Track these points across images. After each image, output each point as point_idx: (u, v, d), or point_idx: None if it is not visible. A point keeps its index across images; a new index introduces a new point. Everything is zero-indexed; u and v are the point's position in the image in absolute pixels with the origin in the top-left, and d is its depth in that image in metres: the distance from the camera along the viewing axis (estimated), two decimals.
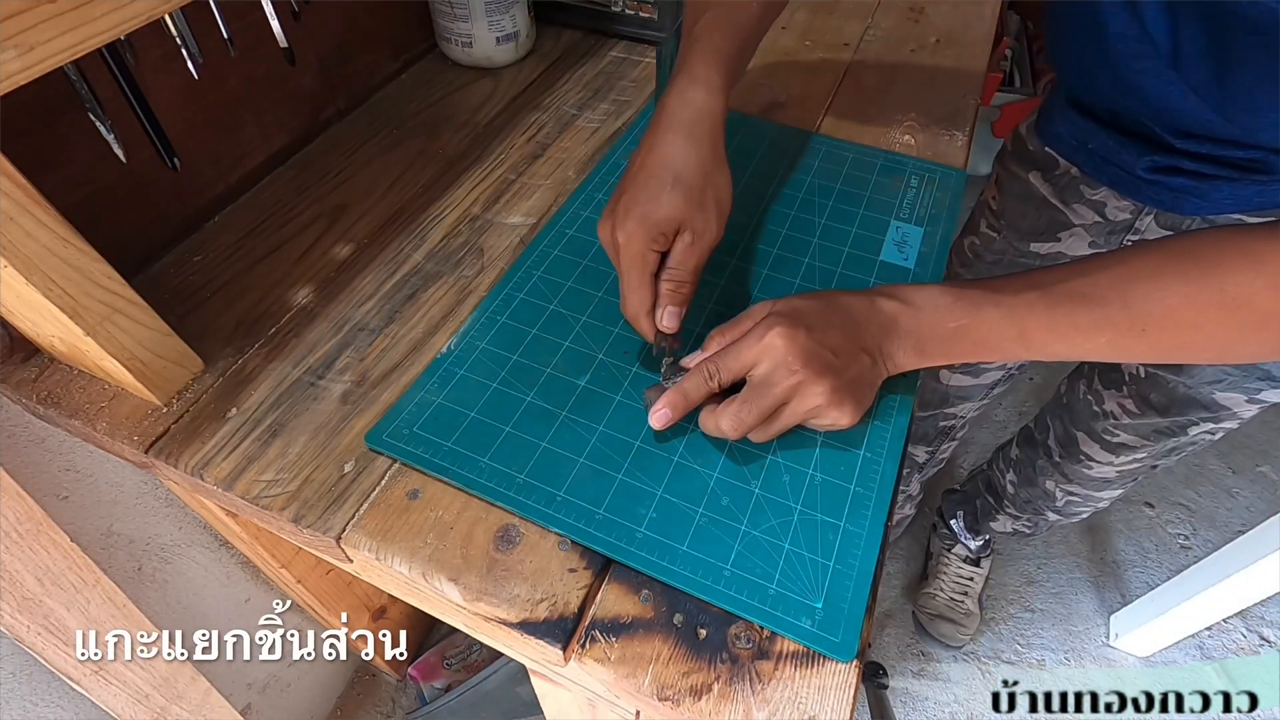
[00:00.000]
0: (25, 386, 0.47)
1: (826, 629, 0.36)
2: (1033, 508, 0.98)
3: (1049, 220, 0.69)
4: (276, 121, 0.61)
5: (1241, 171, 0.52)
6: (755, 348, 0.39)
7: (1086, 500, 0.90)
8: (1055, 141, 0.65)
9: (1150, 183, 0.57)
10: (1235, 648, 1.19)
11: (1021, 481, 0.98)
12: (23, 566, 0.52)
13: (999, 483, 1.04)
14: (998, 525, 1.08)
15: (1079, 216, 0.66)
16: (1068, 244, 0.69)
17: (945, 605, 1.19)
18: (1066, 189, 0.65)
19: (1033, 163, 0.68)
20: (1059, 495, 0.92)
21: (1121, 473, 0.82)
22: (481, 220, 0.58)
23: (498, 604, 0.37)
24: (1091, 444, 0.81)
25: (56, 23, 0.33)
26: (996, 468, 1.05)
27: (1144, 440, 0.75)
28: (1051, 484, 0.92)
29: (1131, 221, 0.62)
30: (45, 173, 0.44)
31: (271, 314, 0.51)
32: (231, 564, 0.78)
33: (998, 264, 0.75)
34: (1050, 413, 0.89)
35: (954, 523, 1.20)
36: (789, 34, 0.80)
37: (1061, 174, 0.65)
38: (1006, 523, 1.06)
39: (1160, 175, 0.56)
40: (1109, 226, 0.64)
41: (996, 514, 1.07)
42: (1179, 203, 0.57)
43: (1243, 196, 0.53)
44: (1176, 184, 0.56)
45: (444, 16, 0.70)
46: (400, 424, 0.44)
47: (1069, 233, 0.68)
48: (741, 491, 0.41)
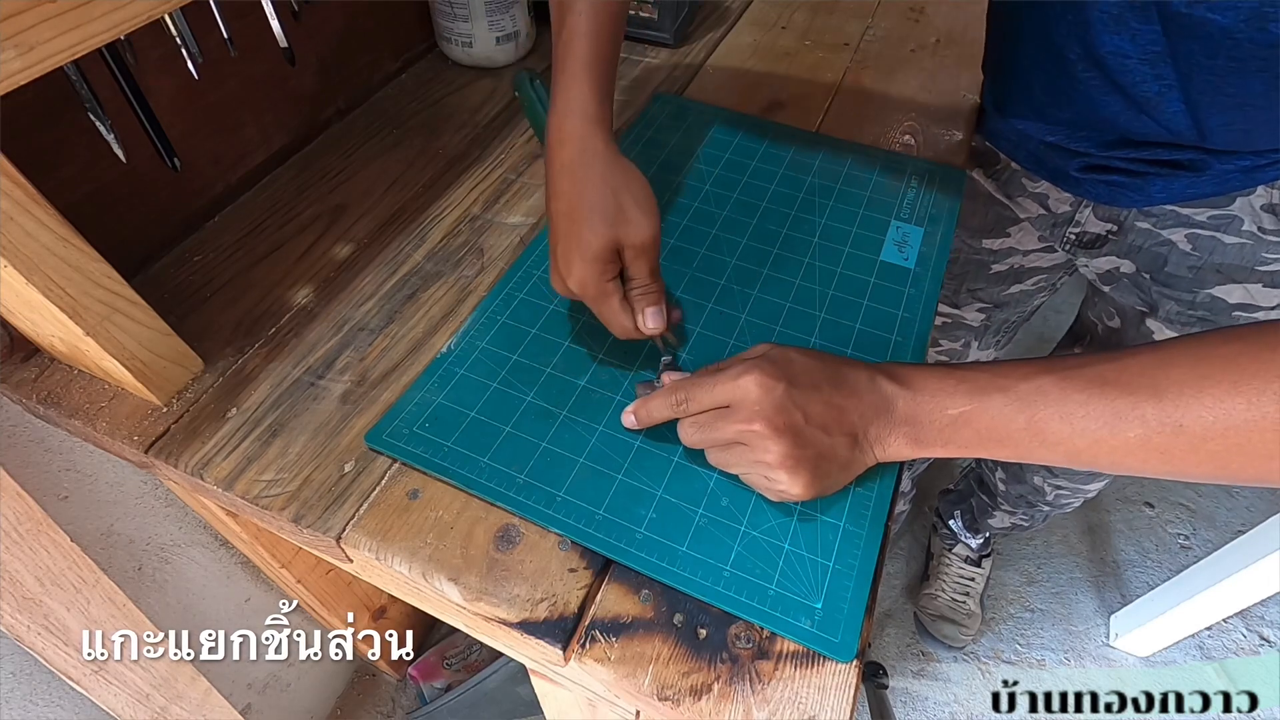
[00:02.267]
0: (25, 386, 0.47)
1: (826, 629, 0.36)
2: (1026, 502, 0.99)
3: (996, 216, 0.70)
4: (276, 121, 0.61)
5: (1173, 169, 0.53)
6: (728, 385, 0.37)
7: (1075, 492, 0.92)
8: (994, 138, 0.66)
9: (1084, 180, 0.59)
10: (1235, 648, 1.19)
11: (1010, 478, 0.99)
12: (23, 566, 0.52)
13: (990, 480, 1.05)
14: (996, 521, 1.09)
15: (1023, 210, 0.67)
16: (1017, 239, 0.70)
17: (947, 606, 1.19)
18: (1009, 183, 0.67)
19: (974, 160, 0.69)
20: (1048, 490, 0.93)
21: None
22: (481, 220, 0.58)
23: (498, 604, 0.37)
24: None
25: (56, 23, 0.33)
26: (986, 464, 1.06)
27: None
28: (1039, 479, 0.93)
29: (1071, 214, 0.63)
30: (45, 173, 0.44)
31: (271, 314, 0.51)
32: (231, 564, 0.78)
33: (954, 262, 0.76)
34: None
35: (953, 523, 1.21)
36: (789, 34, 0.80)
37: (1002, 168, 0.67)
38: (1004, 518, 1.07)
39: (1092, 174, 0.58)
40: (1052, 219, 0.65)
41: (993, 510, 1.07)
42: (1115, 196, 0.58)
43: (1175, 190, 0.55)
44: (1109, 179, 0.57)
45: (444, 16, 0.70)
46: (400, 424, 0.44)
47: (1017, 228, 0.70)
48: (741, 492, 0.41)
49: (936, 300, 0.52)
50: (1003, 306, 0.80)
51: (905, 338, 0.49)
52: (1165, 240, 0.59)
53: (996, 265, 0.75)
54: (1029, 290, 0.78)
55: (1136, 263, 0.62)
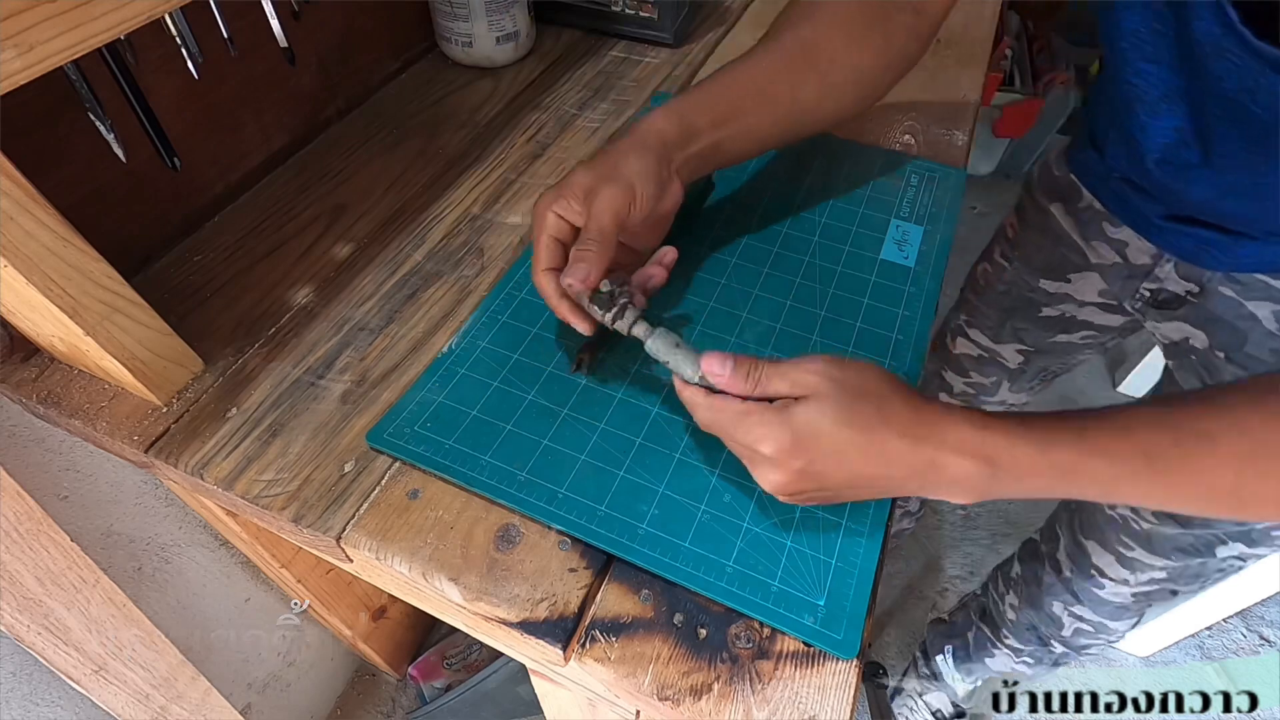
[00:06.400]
0: (25, 386, 0.47)
1: (829, 626, 0.36)
2: (1037, 635, 0.85)
3: (1061, 258, 0.66)
4: (276, 121, 0.61)
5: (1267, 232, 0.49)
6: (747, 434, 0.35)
7: (1099, 631, 0.78)
8: (1082, 171, 0.61)
9: (1168, 230, 0.54)
10: (1235, 648, 1.19)
11: (1024, 603, 0.85)
12: (23, 566, 0.52)
13: (997, 609, 0.90)
14: (995, 663, 0.95)
15: (1098, 255, 0.62)
16: (1076, 286, 0.66)
17: None
18: (1089, 224, 0.62)
19: (1056, 192, 0.64)
20: (1066, 621, 0.79)
21: (1137, 596, 0.71)
22: (482, 220, 0.58)
23: (498, 604, 0.37)
24: (1104, 555, 0.70)
25: (56, 22, 0.33)
26: (994, 591, 0.91)
27: (1163, 558, 0.65)
28: (1059, 606, 0.79)
29: (1151, 267, 0.57)
30: (45, 173, 0.44)
31: (271, 314, 0.51)
32: (231, 564, 0.78)
33: (1005, 295, 0.73)
34: (1059, 521, 0.79)
35: (940, 659, 1.03)
36: None
37: (1085, 207, 0.62)
38: (1005, 660, 0.93)
39: (1177, 224, 0.53)
40: (1128, 269, 0.60)
41: (994, 647, 0.93)
42: (1199, 253, 0.53)
43: (1267, 257, 0.50)
44: (1197, 234, 0.52)
45: (444, 16, 0.70)
46: (402, 423, 0.44)
47: (1080, 275, 0.65)
48: (744, 488, 0.41)
49: (937, 299, 0.52)
50: (1044, 353, 0.75)
51: (906, 335, 0.49)
52: (1249, 314, 0.52)
53: (1047, 309, 0.70)
54: (1075, 343, 0.72)
55: (1211, 336, 0.55)
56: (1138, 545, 0.66)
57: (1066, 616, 0.79)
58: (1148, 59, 0.44)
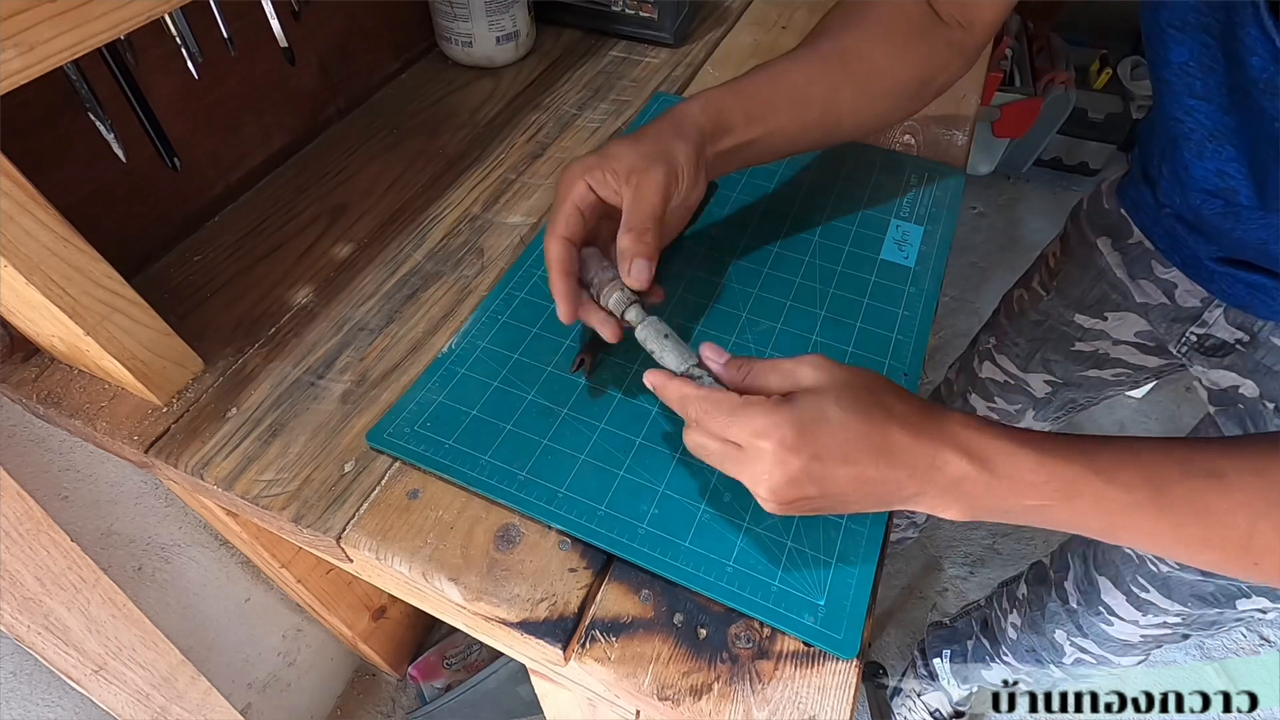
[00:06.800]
0: (25, 386, 0.47)
1: (829, 626, 0.36)
2: (1035, 658, 0.82)
3: (1101, 294, 0.63)
4: (276, 121, 0.61)
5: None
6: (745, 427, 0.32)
7: (1100, 663, 0.75)
8: (1133, 207, 0.59)
9: (1220, 274, 0.51)
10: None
11: (1026, 625, 0.82)
12: (23, 566, 0.52)
13: (998, 625, 0.88)
14: (989, 674, 0.93)
15: (1143, 294, 0.59)
16: (1112, 324, 0.64)
17: None
18: (1136, 262, 0.59)
19: (1105, 226, 0.62)
20: (1068, 650, 0.76)
21: (1145, 637, 0.68)
22: (482, 220, 0.58)
23: (498, 604, 0.37)
24: (1115, 593, 0.67)
25: (56, 22, 0.33)
26: (998, 607, 0.89)
27: (1179, 604, 0.61)
28: (1062, 635, 0.76)
29: (1200, 311, 0.55)
30: (45, 173, 0.43)
31: (271, 314, 0.51)
32: (231, 564, 0.78)
33: (1039, 324, 0.71)
34: (1071, 549, 0.75)
35: (938, 661, 1.02)
36: (789, 34, 0.80)
37: (1134, 244, 0.59)
38: (999, 673, 0.91)
39: (1229, 268, 0.50)
40: (1175, 311, 0.57)
41: (991, 660, 0.91)
42: (1251, 300, 0.50)
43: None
44: (1251, 279, 0.49)
45: (444, 16, 0.70)
46: (402, 422, 0.44)
47: (1118, 315, 0.63)
48: (744, 488, 0.41)
49: (937, 299, 0.52)
50: (1072, 386, 0.73)
51: (906, 336, 0.49)
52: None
53: (1081, 344, 0.68)
54: (1106, 379, 0.70)
55: (1262, 386, 0.52)
56: (1154, 588, 0.62)
57: (1069, 646, 0.76)
58: (1196, 95, 0.42)
